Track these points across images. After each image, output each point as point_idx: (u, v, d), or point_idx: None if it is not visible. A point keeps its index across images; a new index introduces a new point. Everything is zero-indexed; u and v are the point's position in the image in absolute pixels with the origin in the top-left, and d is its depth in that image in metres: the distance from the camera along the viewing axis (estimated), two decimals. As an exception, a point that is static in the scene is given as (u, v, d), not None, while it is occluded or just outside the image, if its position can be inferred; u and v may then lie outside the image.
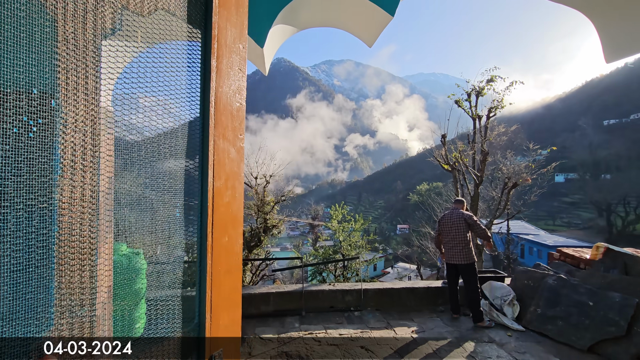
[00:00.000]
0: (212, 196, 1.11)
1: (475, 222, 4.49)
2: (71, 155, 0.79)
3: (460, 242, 4.46)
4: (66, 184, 0.78)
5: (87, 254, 0.84)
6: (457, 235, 4.49)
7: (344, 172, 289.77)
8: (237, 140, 1.21)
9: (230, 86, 1.19)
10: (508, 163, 11.31)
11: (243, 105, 1.26)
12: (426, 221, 24.42)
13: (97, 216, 0.83)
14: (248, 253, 16.13)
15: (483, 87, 10.82)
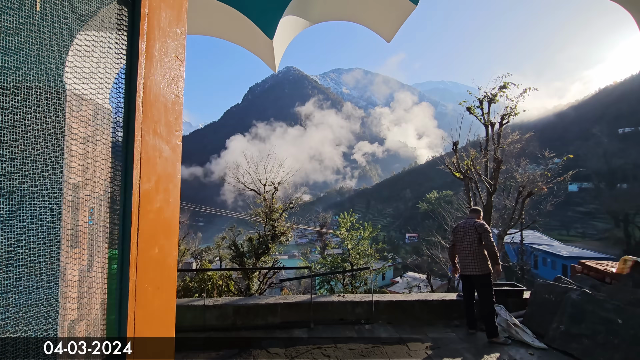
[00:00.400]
0: (137, 200, 0.94)
1: (485, 231, 4.29)
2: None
3: (473, 252, 4.27)
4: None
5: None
6: (470, 245, 4.30)
7: (353, 179, 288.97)
8: (172, 137, 1.05)
9: (163, 75, 1.03)
10: (522, 171, 11.01)
11: (180, 98, 1.09)
12: (436, 230, 24.00)
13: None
14: (256, 260, 16.03)
15: (496, 94, 10.62)
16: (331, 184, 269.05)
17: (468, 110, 10.92)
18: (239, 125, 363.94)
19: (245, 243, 16.65)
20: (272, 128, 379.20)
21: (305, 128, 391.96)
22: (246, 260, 16.20)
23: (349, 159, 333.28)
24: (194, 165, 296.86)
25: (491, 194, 10.29)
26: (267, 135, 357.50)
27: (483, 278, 4.19)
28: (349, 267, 20.91)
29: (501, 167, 10.30)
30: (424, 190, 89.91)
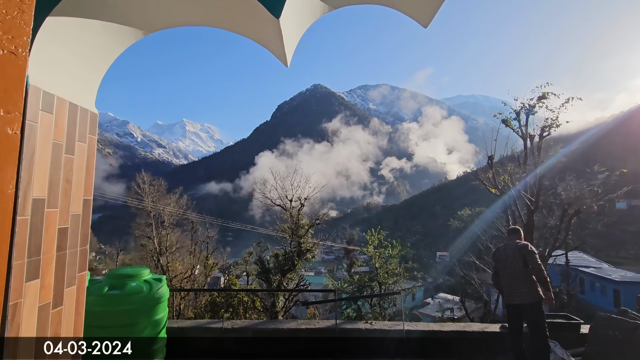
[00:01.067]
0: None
1: (530, 252, 3.78)
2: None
3: (519, 277, 3.77)
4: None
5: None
6: (515, 269, 3.82)
7: (380, 195, 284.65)
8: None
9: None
10: (568, 187, 10.14)
11: (22, 54, 0.72)
12: (469, 249, 22.74)
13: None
14: (282, 277, 15.80)
15: (534, 105, 9.98)
16: (358, 200, 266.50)
17: (504, 123, 10.33)
18: (268, 142, 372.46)
19: (271, 259, 16.52)
20: (299, 144, 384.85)
21: (332, 144, 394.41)
22: (272, 277, 16.01)
23: (376, 175, 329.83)
24: (224, 181, 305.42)
25: (532, 211, 9.51)
26: (294, 151, 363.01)
27: (533, 307, 3.67)
28: (376, 287, 20.14)
29: (543, 183, 9.53)
30: (455, 207, 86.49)
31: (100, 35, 1.19)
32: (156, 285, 3.94)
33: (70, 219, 1.17)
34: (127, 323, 3.66)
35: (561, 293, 14.81)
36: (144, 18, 1.22)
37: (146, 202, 20.00)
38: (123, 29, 1.23)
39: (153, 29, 1.30)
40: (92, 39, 1.18)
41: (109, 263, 34.99)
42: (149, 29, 1.29)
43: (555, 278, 21.59)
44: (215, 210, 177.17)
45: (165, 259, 18.63)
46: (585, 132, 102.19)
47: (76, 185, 1.20)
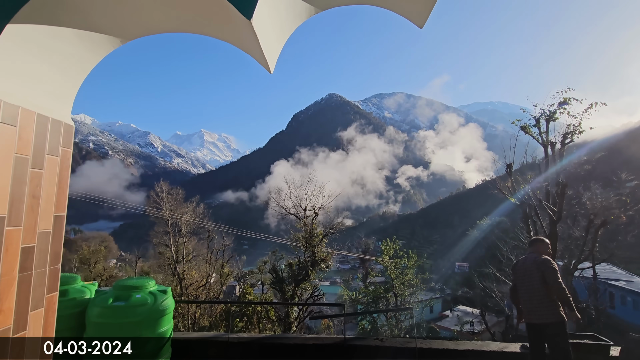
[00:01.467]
0: None
1: (549, 268, 3.46)
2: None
3: (537, 294, 3.49)
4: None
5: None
6: (532, 286, 3.54)
7: (396, 204, 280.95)
8: None
9: None
10: (593, 197, 9.64)
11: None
12: (489, 260, 21.96)
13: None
14: (295, 287, 15.65)
15: (555, 111, 9.59)
16: (374, 208, 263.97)
17: (523, 130, 9.97)
18: (283, 151, 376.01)
19: (285, 268, 16.42)
20: (314, 153, 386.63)
21: (348, 153, 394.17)
22: (286, 287, 15.88)
23: (392, 183, 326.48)
24: (240, 190, 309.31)
25: (555, 222, 9.06)
26: (309, 160, 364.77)
27: (555, 327, 3.39)
28: (392, 298, 19.66)
29: (566, 192, 9.09)
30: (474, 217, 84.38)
31: (73, 43, 1.15)
32: (161, 297, 3.89)
33: (38, 237, 1.11)
34: (131, 336, 3.62)
35: (589, 308, 13.97)
36: (118, 26, 1.17)
37: (164, 211, 20.38)
38: (98, 37, 1.18)
39: (129, 37, 1.24)
40: (64, 48, 1.13)
41: (128, 270, 35.74)
42: (125, 37, 1.24)
43: (582, 292, 20.50)
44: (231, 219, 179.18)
45: (182, 267, 18.83)
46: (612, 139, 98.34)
47: (45, 201, 1.15)
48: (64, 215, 1.24)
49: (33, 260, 1.10)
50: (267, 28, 1.07)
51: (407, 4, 1.16)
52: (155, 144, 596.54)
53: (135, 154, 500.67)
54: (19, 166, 1.04)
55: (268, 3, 0.98)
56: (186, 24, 1.14)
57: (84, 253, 29.08)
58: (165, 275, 20.07)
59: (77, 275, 4.10)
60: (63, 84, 1.22)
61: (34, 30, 1.01)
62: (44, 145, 1.14)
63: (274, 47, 1.21)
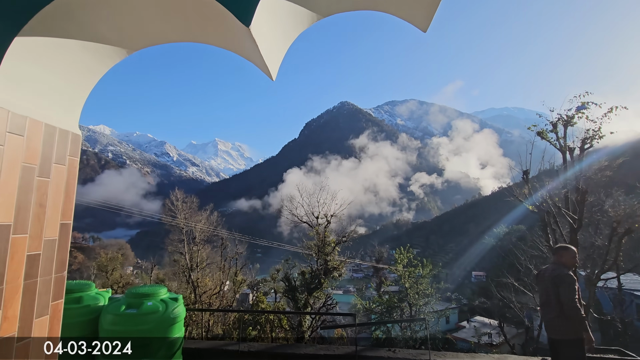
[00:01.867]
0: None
1: (563, 282, 3.24)
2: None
3: (552, 309, 3.31)
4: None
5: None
6: (549, 300, 3.37)
7: (410, 212, 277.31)
8: None
9: None
10: (616, 203, 9.27)
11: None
12: (507, 269, 21.35)
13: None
14: (308, 295, 15.53)
15: (572, 116, 9.34)
16: (387, 216, 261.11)
17: (539, 135, 9.73)
18: (296, 159, 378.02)
19: (298, 277, 16.35)
20: (327, 161, 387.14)
21: (360, 160, 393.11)
22: (298, 295, 15.79)
23: (405, 191, 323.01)
24: (254, 198, 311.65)
25: (575, 230, 8.74)
26: (322, 168, 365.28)
27: (570, 344, 3.19)
28: (407, 308, 19.26)
29: (586, 199, 8.77)
30: (490, 224, 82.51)
31: (80, 55, 1.18)
32: (172, 305, 3.90)
33: (44, 245, 1.13)
34: (142, 343, 3.64)
35: (614, 321, 13.35)
36: (123, 37, 1.20)
37: (179, 219, 20.67)
38: (104, 49, 1.21)
39: (134, 48, 1.27)
40: (70, 60, 1.17)
41: (144, 278, 36.27)
42: (130, 47, 1.27)
43: (607, 304, 19.65)
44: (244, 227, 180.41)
45: (196, 275, 18.98)
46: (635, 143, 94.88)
47: (52, 209, 1.17)
48: (71, 223, 1.26)
49: (39, 267, 1.11)
50: (267, 35, 1.08)
51: (410, 9, 1.15)
52: (171, 153, 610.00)
53: (152, 163, 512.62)
54: (26, 175, 1.06)
55: (267, 10, 0.99)
56: (188, 33, 1.16)
57: (101, 260, 29.71)
58: (179, 283, 20.27)
59: (91, 282, 4.17)
60: (70, 94, 1.25)
61: (42, 43, 1.04)
62: (51, 154, 1.17)
63: (275, 55, 1.21)
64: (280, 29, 1.15)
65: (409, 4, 1.13)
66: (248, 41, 1.03)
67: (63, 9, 0.98)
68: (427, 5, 1.09)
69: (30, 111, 1.09)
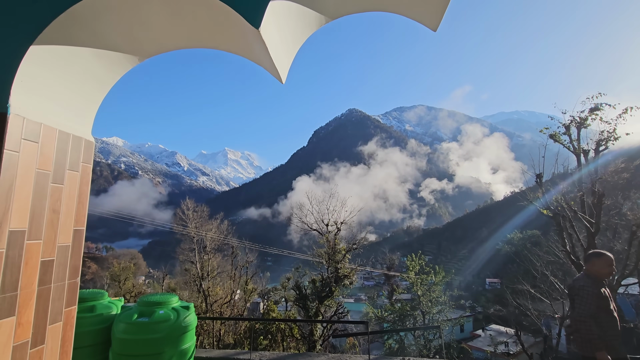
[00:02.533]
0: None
1: (578, 295, 3.07)
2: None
3: (571, 323, 3.16)
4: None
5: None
6: (571, 311, 3.23)
7: (421, 218, 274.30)
8: None
9: None
10: (634, 206, 8.99)
11: None
12: (522, 276, 20.85)
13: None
14: (319, 304, 15.39)
15: (586, 117, 9.15)
16: (397, 223, 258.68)
17: (552, 138, 9.54)
18: (305, 167, 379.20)
19: (309, 285, 16.23)
20: (336, 168, 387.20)
21: (369, 167, 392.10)
22: (309, 304, 15.66)
23: (415, 197, 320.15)
24: (263, 207, 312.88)
25: (593, 234, 8.49)
26: (331, 175, 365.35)
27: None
28: (419, 316, 18.89)
29: (604, 202, 8.53)
30: (504, 230, 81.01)
31: (92, 63, 1.20)
32: (183, 314, 3.90)
33: (57, 251, 1.14)
34: (154, 352, 3.63)
35: (637, 329, 12.81)
36: (133, 44, 1.22)
37: (190, 228, 20.82)
38: (116, 56, 1.24)
39: (145, 55, 1.30)
40: (84, 67, 1.19)
41: (156, 287, 36.51)
42: (141, 54, 1.29)
43: (629, 310, 18.96)
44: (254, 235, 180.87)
45: (207, 284, 19.01)
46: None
47: (65, 215, 1.18)
48: (84, 229, 1.26)
49: (52, 273, 1.12)
50: (276, 37, 1.08)
51: (419, 8, 1.14)
52: (182, 163, 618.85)
53: (163, 173, 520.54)
54: (40, 181, 1.07)
55: (276, 12, 0.99)
56: (198, 39, 1.18)
57: (114, 270, 30.05)
58: (190, 292, 20.33)
59: (104, 291, 4.21)
60: (84, 102, 1.27)
61: (55, 52, 1.07)
62: (64, 160, 1.19)
63: (284, 57, 1.21)
64: (289, 31, 1.15)
65: (418, 3, 1.12)
66: (257, 44, 1.03)
67: (76, 18, 1.01)
68: (437, 4, 1.08)
69: (44, 118, 1.11)
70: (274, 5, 0.94)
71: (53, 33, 1.00)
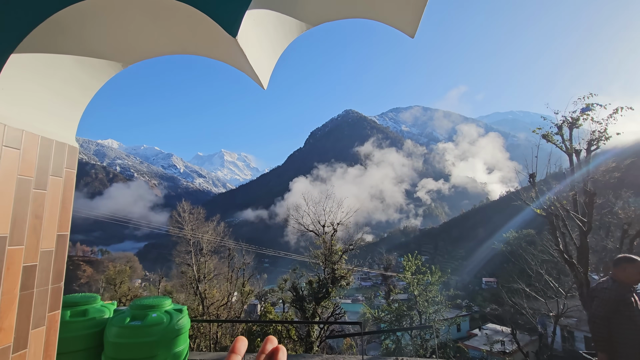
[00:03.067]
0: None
1: (594, 298, 3.10)
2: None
3: None
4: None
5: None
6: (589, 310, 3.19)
7: (417, 218, 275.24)
8: None
9: None
10: (626, 205, 9.10)
11: None
12: (518, 275, 20.98)
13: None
14: (316, 305, 15.40)
15: (577, 118, 9.25)
16: (394, 223, 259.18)
17: (544, 138, 9.64)
18: (302, 168, 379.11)
19: (306, 286, 16.22)
20: (332, 169, 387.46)
21: (366, 167, 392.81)
22: (306, 305, 15.66)
23: (412, 197, 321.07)
24: (260, 208, 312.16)
25: (585, 233, 8.57)
26: (328, 176, 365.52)
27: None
28: (416, 316, 18.93)
29: (595, 201, 8.62)
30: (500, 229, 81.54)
31: (76, 69, 1.22)
32: (177, 317, 3.90)
33: (40, 256, 1.15)
34: (147, 355, 3.63)
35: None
36: (115, 51, 1.23)
37: (186, 230, 20.73)
38: (99, 63, 1.25)
39: (128, 62, 1.31)
40: (67, 74, 1.20)
41: (152, 290, 36.28)
42: (124, 61, 1.30)
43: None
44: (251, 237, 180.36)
45: (204, 286, 18.94)
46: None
47: (48, 220, 1.19)
48: (67, 234, 1.28)
49: (35, 278, 1.13)
50: (255, 45, 1.10)
51: (396, 15, 1.16)
52: (178, 165, 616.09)
53: (159, 175, 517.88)
54: (22, 187, 1.08)
55: (254, 20, 1.01)
56: (179, 46, 1.19)
57: (110, 273, 29.86)
58: (187, 295, 20.24)
59: (97, 295, 4.19)
60: (67, 108, 1.28)
61: (37, 59, 1.08)
62: (47, 166, 1.20)
63: (265, 64, 1.24)
64: (268, 38, 1.17)
65: (394, 11, 1.15)
66: (236, 51, 1.05)
67: (58, 26, 1.02)
68: (413, 11, 1.11)
69: (26, 125, 1.12)
70: (251, 13, 0.96)
71: (35, 41, 1.01)
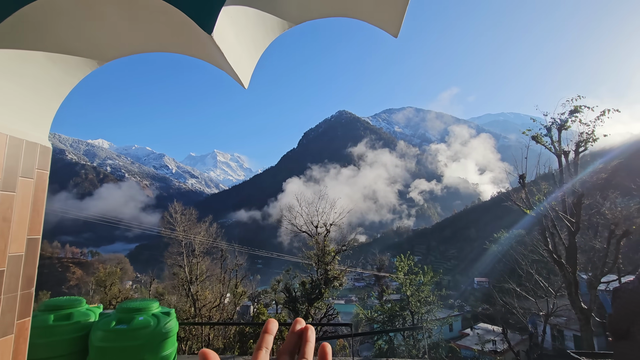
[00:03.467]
0: None
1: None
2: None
3: None
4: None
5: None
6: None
7: (410, 218, 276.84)
8: None
9: None
10: (612, 206, 9.25)
11: None
12: (509, 275, 21.19)
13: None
14: (309, 306, 15.35)
15: (566, 120, 9.39)
16: (387, 223, 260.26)
17: (534, 139, 9.76)
18: (295, 169, 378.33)
19: (299, 287, 16.18)
20: (326, 170, 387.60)
21: (359, 168, 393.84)
22: (299, 306, 15.61)
23: (405, 198, 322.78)
24: (253, 209, 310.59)
25: (574, 233, 8.70)
26: (321, 176, 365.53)
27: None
28: (409, 316, 19.00)
29: (583, 202, 8.75)
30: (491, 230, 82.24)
31: (47, 66, 1.17)
32: (164, 320, 3.82)
33: (8, 261, 1.10)
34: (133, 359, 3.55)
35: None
36: (91, 49, 1.19)
37: (178, 231, 20.50)
38: (72, 60, 1.20)
39: (104, 60, 1.26)
40: (38, 71, 1.16)
41: (144, 292, 35.83)
42: (99, 59, 1.26)
43: (609, 307, 19.45)
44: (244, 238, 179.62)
45: (196, 288, 18.73)
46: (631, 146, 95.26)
47: (18, 224, 1.14)
48: (39, 237, 1.22)
49: (2, 284, 1.08)
50: (234, 43, 1.07)
51: (378, 14, 1.15)
52: (170, 166, 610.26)
53: (151, 176, 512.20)
54: (-12, 189, 1.04)
55: (232, 18, 0.98)
56: (155, 43, 1.16)
57: (100, 275, 29.36)
58: (179, 297, 20.00)
59: (82, 298, 4.09)
60: (38, 107, 1.24)
61: (6, 55, 1.03)
62: (16, 167, 1.15)
63: (246, 63, 1.20)
64: (248, 36, 1.14)
65: (377, 10, 1.13)
66: (213, 49, 1.02)
67: (27, 21, 0.98)
68: (395, 11, 1.09)
69: (-6, 124, 1.07)
70: (228, 10, 0.92)
71: (2, 36, 0.96)
